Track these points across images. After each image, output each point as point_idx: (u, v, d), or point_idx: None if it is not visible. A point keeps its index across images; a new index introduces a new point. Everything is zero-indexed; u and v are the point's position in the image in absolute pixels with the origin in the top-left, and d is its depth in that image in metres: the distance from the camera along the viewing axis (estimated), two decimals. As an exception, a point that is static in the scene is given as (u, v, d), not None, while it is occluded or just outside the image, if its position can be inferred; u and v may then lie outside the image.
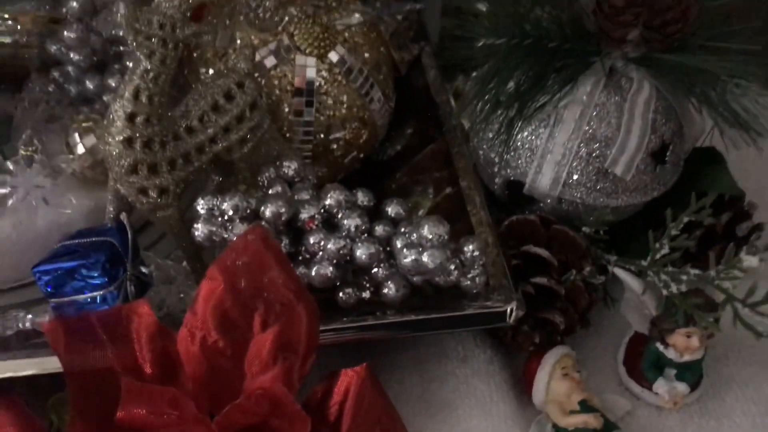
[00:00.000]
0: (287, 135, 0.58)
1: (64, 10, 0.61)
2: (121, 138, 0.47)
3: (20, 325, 0.52)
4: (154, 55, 0.46)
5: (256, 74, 0.56)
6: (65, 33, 0.61)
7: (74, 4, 0.60)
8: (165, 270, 0.56)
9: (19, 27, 0.63)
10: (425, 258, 0.47)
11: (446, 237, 0.48)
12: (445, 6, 0.75)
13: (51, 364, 0.47)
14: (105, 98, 0.62)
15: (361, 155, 0.63)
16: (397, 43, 0.72)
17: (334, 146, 0.60)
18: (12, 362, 0.49)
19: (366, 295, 0.51)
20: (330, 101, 0.58)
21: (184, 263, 0.56)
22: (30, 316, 0.52)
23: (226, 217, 0.50)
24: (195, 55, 0.56)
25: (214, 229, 0.49)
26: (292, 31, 0.57)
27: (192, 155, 0.50)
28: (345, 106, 0.59)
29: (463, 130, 0.63)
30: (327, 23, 0.58)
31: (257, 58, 0.57)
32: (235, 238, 0.48)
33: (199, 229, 0.49)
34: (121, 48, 0.62)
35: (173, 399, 0.40)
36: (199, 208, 0.50)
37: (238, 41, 0.57)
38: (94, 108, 0.62)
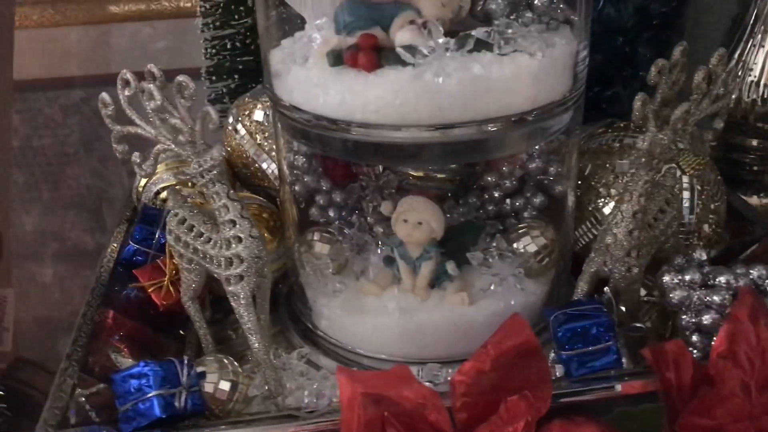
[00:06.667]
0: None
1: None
2: (629, 228, 0.61)
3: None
4: (651, 172, 0.61)
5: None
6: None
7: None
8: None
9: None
10: None
11: None
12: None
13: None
14: (525, 214, 0.74)
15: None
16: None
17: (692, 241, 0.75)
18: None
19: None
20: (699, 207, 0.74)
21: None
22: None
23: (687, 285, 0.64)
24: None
25: (685, 294, 0.64)
26: (679, 160, 0.74)
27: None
28: (704, 210, 0.75)
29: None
30: (703, 152, 0.75)
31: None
32: (695, 298, 0.64)
33: (677, 296, 0.63)
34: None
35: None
36: (666, 280, 0.65)
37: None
38: (508, 221, 0.74)
